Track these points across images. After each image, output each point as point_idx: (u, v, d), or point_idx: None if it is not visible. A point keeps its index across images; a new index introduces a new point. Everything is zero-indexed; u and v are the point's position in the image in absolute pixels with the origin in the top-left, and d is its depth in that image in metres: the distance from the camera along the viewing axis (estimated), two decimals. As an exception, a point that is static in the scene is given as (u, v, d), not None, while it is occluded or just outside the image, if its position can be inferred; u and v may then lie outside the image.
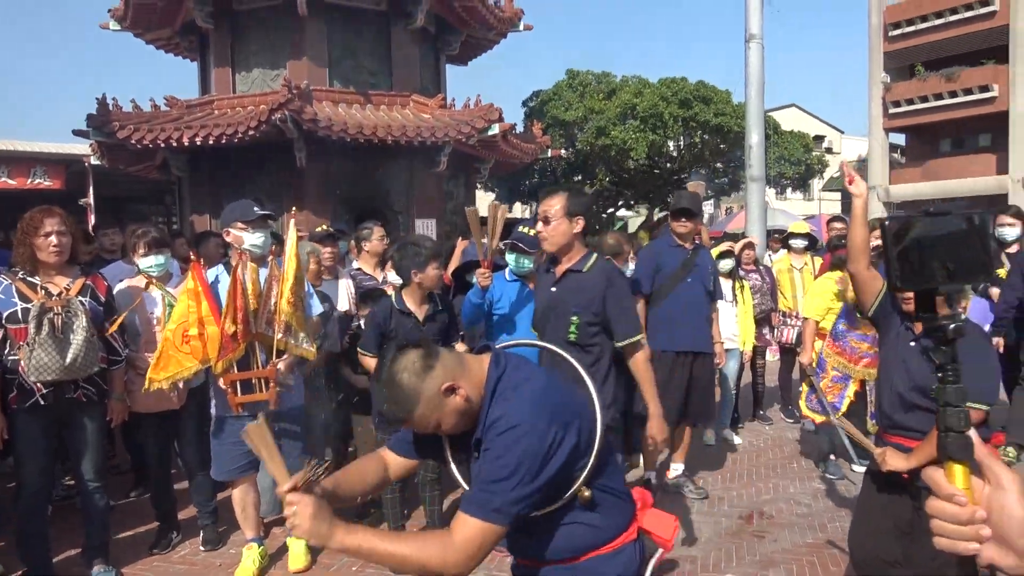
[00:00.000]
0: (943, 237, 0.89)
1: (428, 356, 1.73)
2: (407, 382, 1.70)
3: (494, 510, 1.62)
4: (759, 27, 10.36)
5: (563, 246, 3.30)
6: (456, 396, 1.72)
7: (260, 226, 3.78)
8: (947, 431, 0.86)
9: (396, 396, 1.71)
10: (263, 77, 10.80)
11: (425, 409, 1.71)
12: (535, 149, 13.36)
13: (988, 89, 25.45)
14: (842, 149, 43.23)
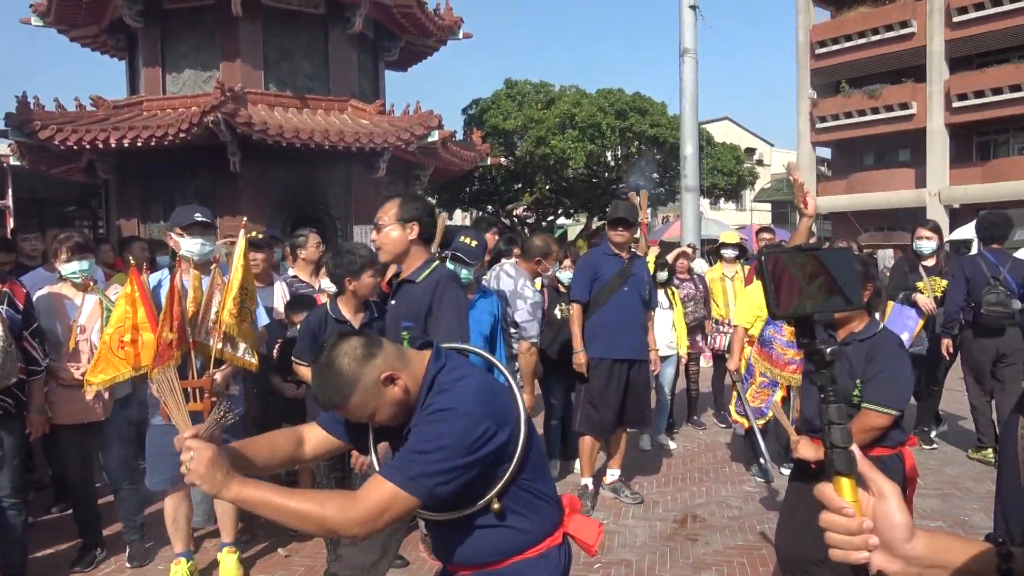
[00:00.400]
0: (816, 268, 0.95)
1: (370, 345, 1.74)
2: (346, 367, 1.70)
3: (411, 477, 1.60)
4: (693, 42, 10.65)
5: (398, 255, 3.07)
6: (395, 386, 1.72)
7: (198, 232, 3.68)
8: (832, 447, 0.90)
9: (334, 381, 1.70)
10: (195, 78, 10.54)
11: (362, 397, 1.70)
12: (475, 157, 13.39)
13: (907, 106, 26.71)
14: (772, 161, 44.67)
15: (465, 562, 1.85)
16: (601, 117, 20.69)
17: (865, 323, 2.78)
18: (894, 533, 0.89)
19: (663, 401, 6.39)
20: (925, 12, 25.99)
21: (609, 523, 4.67)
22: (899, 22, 26.53)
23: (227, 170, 9.46)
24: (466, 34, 12.78)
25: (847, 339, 2.76)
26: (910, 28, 26.32)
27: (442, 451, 1.62)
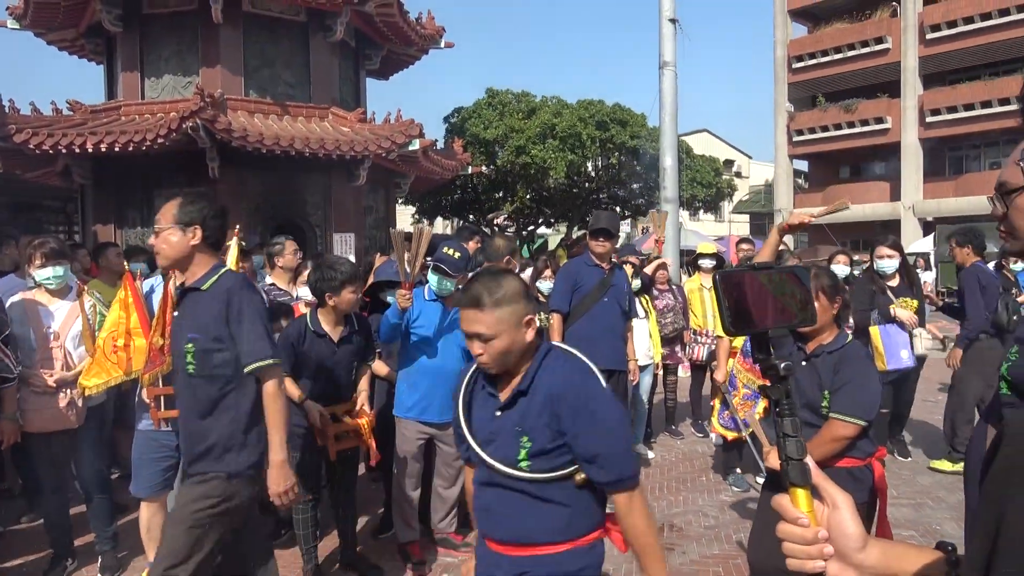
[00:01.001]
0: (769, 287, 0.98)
1: (529, 296, 1.99)
2: (512, 287, 1.93)
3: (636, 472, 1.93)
4: (672, 55, 10.76)
5: (178, 260, 2.75)
6: (528, 331, 1.94)
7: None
8: (787, 459, 0.93)
9: (497, 288, 1.91)
10: (174, 84, 10.46)
11: (506, 315, 1.90)
12: (456, 166, 13.41)
13: (882, 121, 27.18)
14: (750, 173, 45.16)
15: (518, 539, 1.94)
16: (582, 128, 20.82)
17: (834, 335, 2.82)
18: (847, 542, 0.91)
19: (641, 411, 6.42)
20: (900, 29, 26.49)
21: (587, 532, 4.68)
22: (874, 38, 27.03)
23: (206, 176, 9.39)
24: (448, 43, 12.81)
25: (816, 351, 2.80)
26: (885, 44, 26.81)
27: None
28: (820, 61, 28.41)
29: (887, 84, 27.31)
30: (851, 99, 27.99)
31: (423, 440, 4.13)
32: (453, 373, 4.12)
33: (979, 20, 24.46)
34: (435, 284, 4.04)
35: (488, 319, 1.89)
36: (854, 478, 2.71)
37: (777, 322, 0.97)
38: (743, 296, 0.96)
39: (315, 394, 3.77)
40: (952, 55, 25.60)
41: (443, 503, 4.30)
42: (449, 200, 23.55)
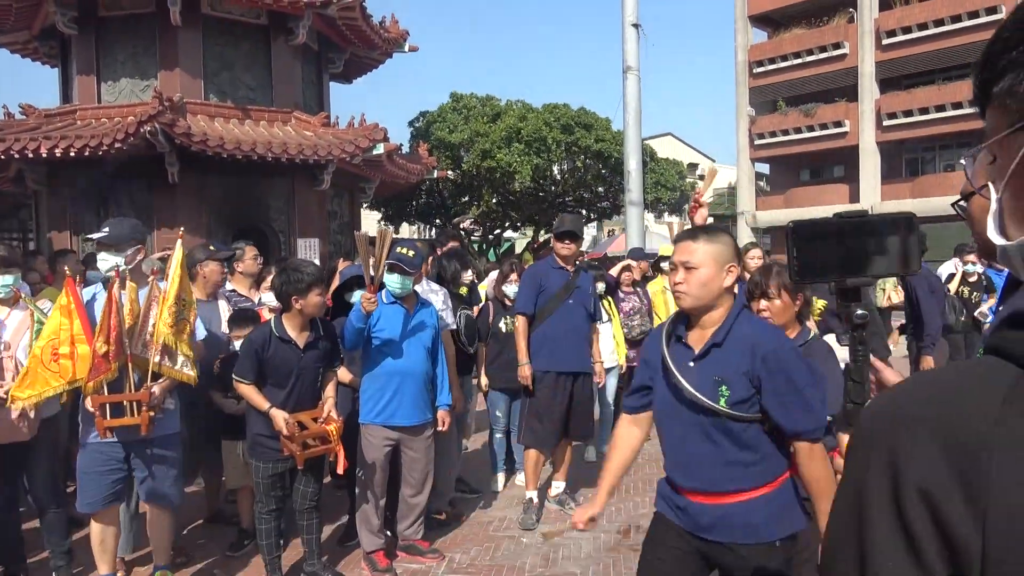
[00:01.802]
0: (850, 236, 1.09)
1: (739, 252, 2.24)
2: (727, 237, 2.22)
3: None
4: (635, 59, 10.84)
5: None
6: (728, 276, 2.15)
7: (102, 248, 3.60)
8: (850, 402, 1.02)
9: (715, 231, 2.23)
10: (132, 87, 10.26)
11: (715, 252, 2.15)
12: (421, 170, 13.35)
13: (841, 124, 27.72)
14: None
15: (720, 487, 2.15)
16: (547, 131, 20.88)
17: (798, 331, 2.87)
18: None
19: (607, 413, 6.44)
20: (857, 34, 27.06)
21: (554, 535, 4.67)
22: (832, 43, 27.56)
23: (165, 181, 9.22)
24: (412, 47, 12.76)
25: None
26: (843, 50, 27.36)
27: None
28: (780, 66, 28.88)
29: (845, 88, 27.86)
30: (810, 103, 28.50)
31: (390, 446, 4.09)
32: (419, 375, 4.10)
33: (932, 26, 25.08)
34: (397, 284, 4.01)
35: (699, 250, 2.14)
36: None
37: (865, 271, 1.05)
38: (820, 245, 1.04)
39: (281, 402, 3.71)
40: (907, 60, 26.22)
41: (411, 510, 4.27)
42: (415, 205, 23.45)
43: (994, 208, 0.63)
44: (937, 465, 0.49)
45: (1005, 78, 0.58)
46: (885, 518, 0.51)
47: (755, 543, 2.15)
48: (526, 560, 4.30)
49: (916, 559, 0.49)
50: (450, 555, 4.37)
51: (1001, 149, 0.61)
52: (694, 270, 2.14)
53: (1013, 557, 0.45)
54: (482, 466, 5.91)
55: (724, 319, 2.18)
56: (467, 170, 21.61)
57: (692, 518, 2.23)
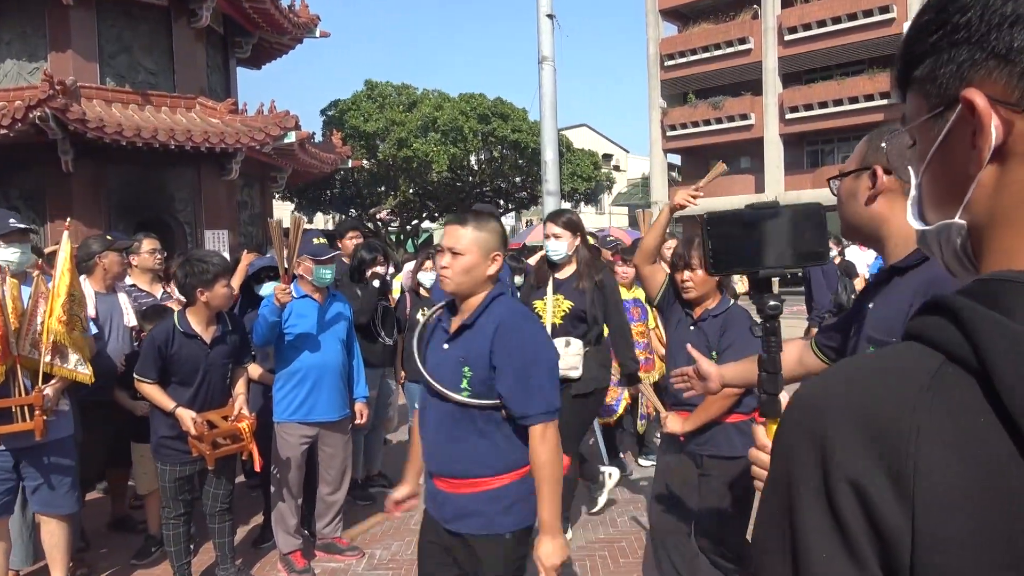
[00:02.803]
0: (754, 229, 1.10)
1: (506, 241, 2.26)
2: (495, 225, 2.20)
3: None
4: (551, 50, 10.90)
5: None
6: (491, 265, 2.16)
7: (14, 240, 3.35)
8: (764, 392, 1.03)
9: (483, 219, 2.18)
10: (18, 70, 9.61)
11: (480, 240, 2.13)
12: (335, 159, 13.07)
13: (747, 117, 28.73)
14: (628, 167, 46.65)
15: (465, 472, 2.12)
16: (463, 121, 20.80)
17: (718, 300, 3.03)
18: None
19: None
20: (760, 30, 28.06)
21: (476, 526, 4.67)
22: (738, 39, 28.50)
23: (59, 170, 8.69)
24: (323, 32, 12.45)
25: (703, 315, 2.99)
26: (747, 45, 28.33)
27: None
28: (690, 59, 29.65)
29: (751, 82, 28.87)
30: (718, 96, 29.41)
31: (307, 443, 3.98)
32: (336, 368, 4.01)
33: (831, 23, 26.29)
34: (321, 275, 3.91)
35: (465, 236, 2.13)
36: (742, 432, 2.86)
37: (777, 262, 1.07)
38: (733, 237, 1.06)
39: (188, 400, 3.54)
40: (808, 56, 27.39)
41: (328, 508, 4.17)
42: (329, 194, 22.96)
43: (913, 193, 0.64)
44: (864, 454, 0.49)
45: (925, 63, 0.59)
46: (816, 510, 0.51)
47: (485, 535, 2.12)
48: (448, 552, 4.28)
49: (849, 550, 0.49)
50: (370, 551, 4.30)
51: (920, 134, 0.62)
52: (459, 256, 2.13)
53: (941, 545, 0.46)
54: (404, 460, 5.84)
55: (479, 303, 2.17)
56: (383, 160, 21.31)
57: (439, 507, 2.21)
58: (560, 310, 3.91)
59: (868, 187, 1.48)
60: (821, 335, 1.90)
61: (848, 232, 1.59)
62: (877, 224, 1.50)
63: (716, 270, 1.03)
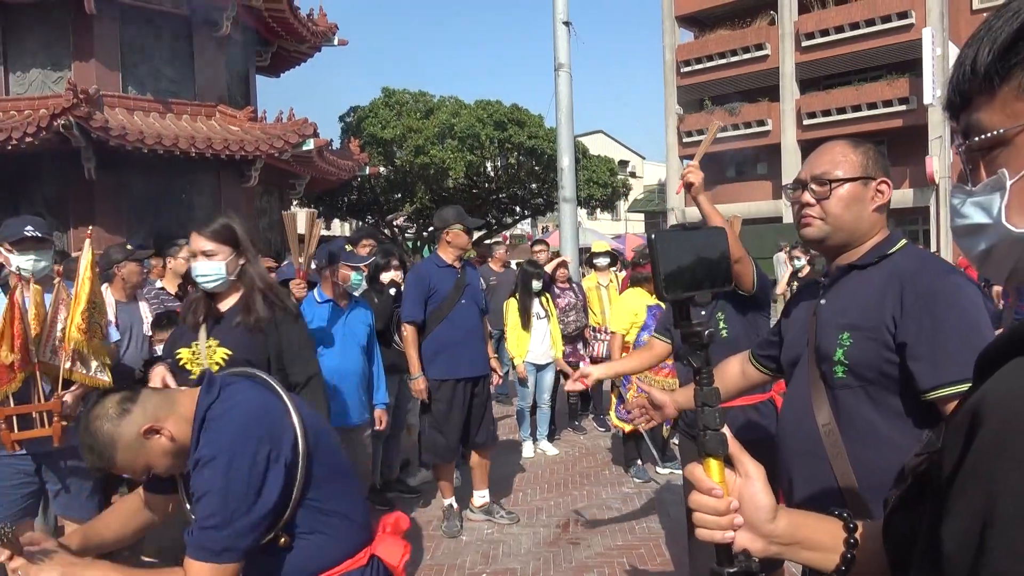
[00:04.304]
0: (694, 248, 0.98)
1: (126, 400, 1.68)
2: (103, 429, 1.64)
3: (223, 550, 1.56)
4: (567, 57, 10.92)
5: None
6: (159, 437, 1.66)
7: (30, 248, 3.38)
8: (704, 429, 0.92)
9: (94, 445, 1.65)
10: (43, 79, 9.76)
11: (126, 455, 1.65)
12: (353, 166, 13.16)
13: (764, 123, 28.62)
14: (644, 173, 46.58)
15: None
16: (480, 128, 20.87)
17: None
18: (758, 513, 0.92)
19: (544, 409, 6.49)
20: (778, 36, 27.97)
21: (493, 532, 4.68)
22: (754, 45, 28.42)
23: (82, 178, 8.81)
24: (341, 41, 12.56)
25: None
26: (764, 51, 28.24)
27: (230, 507, 1.56)
28: (706, 66, 29.58)
29: (767, 88, 28.74)
30: (735, 103, 29.31)
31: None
32: (356, 373, 4.04)
33: (849, 29, 26.14)
34: (357, 281, 4.00)
35: (126, 469, 1.74)
36: (759, 413, 2.87)
37: (704, 286, 0.97)
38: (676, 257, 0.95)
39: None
40: (825, 62, 27.23)
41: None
42: (347, 201, 23.08)
43: (1006, 198, 0.65)
44: None
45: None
46: None
47: None
48: (466, 558, 4.29)
49: None
50: (389, 556, 4.31)
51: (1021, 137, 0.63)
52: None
53: None
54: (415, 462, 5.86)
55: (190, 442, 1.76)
56: (400, 166, 21.40)
57: None
58: (213, 361, 2.71)
59: (874, 196, 1.66)
60: (757, 348, 2.04)
61: (829, 233, 1.67)
62: (870, 228, 1.66)
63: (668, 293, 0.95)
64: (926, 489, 0.70)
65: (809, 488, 1.64)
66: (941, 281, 1.54)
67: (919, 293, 1.53)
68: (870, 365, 1.57)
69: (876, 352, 1.56)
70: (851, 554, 0.93)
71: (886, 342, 1.55)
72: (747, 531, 0.92)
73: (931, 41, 23.98)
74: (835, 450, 1.58)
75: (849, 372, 1.60)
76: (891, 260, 1.63)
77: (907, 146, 25.29)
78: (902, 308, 1.54)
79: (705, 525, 0.92)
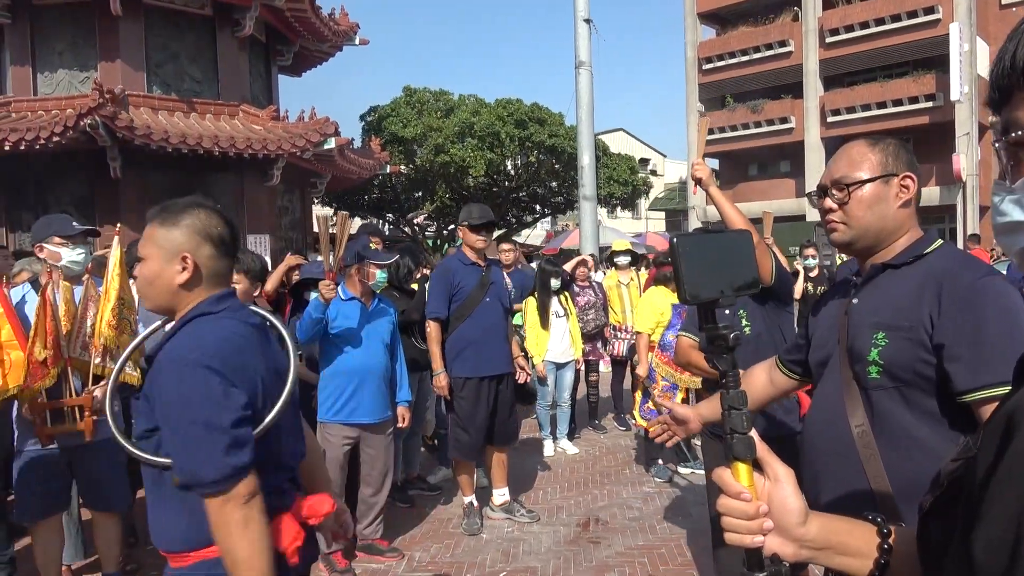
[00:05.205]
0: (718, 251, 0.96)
1: (209, 215, 1.69)
2: (190, 216, 1.67)
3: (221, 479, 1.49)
4: (587, 55, 10.89)
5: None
6: (183, 273, 1.64)
7: (81, 242, 3.47)
8: (732, 432, 0.90)
9: (174, 217, 1.68)
10: (70, 79, 9.91)
11: (170, 245, 1.65)
12: (374, 165, 13.22)
13: (787, 120, 28.34)
14: (665, 171, 46.33)
15: (161, 545, 1.69)
16: (500, 126, 20.86)
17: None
18: (789, 517, 0.91)
19: (564, 407, 6.48)
20: (801, 32, 27.68)
21: (514, 531, 4.67)
22: (778, 41, 28.14)
23: (107, 176, 8.93)
24: (363, 40, 12.61)
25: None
26: (788, 47, 27.96)
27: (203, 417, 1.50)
28: (728, 63, 29.36)
29: (791, 85, 28.46)
30: (757, 100, 29.05)
31: (349, 445, 4.04)
32: (379, 370, 4.06)
33: (874, 25, 25.81)
34: (381, 280, 4.06)
35: (149, 237, 1.70)
36: (783, 408, 2.82)
37: (728, 289, 0.95)
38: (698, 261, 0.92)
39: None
40: (849, 58, 26.92)
41: (370, 509, 4.21)
42: (367, 199, 23.18)
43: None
44: None
45: None
46: None
47: None
48: (486, 556, 4.29)
49: None
50: (410, 553, 4.33)
51: None
52: (143, 262, 1.71)
53: None
54: (434, 460, 5.88)
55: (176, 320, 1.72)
56: (420, 165, 21.46)
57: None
58: None
59: (899, 193, 1.62)
60: (784, 352, 2.00)
61: (856, 236, 1.66)
62: (898, 226, 1.63)
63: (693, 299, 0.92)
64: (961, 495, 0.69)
65: (838, 490, 1.60)
66: (982, 282, 1.50)
67: (959, 293, 1.50)
68: (906, 366, 1.53)
69: (912, 352, 1.53)
70: (885, 560, 0.91)
71: (923, 342, 1.51)
72: (777, 535, 0.91)
73: (958, 36, 23.59)
74: (868, 452, 1.55)
75: (884, 372, 1.56)
76: (927, 260, 1.60)
77: (933, 143, 24.91)
78: (940, 308, 1.51)
79: (735, 530, 0.90)
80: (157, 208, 1.76)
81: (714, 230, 0.96)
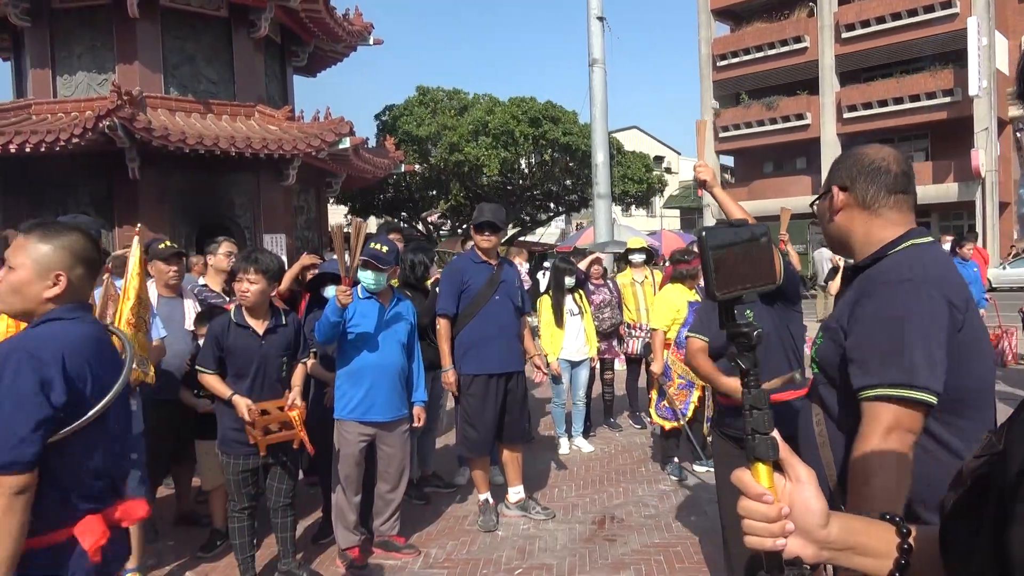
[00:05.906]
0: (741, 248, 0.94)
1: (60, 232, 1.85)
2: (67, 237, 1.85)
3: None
4: (601, 53, 10.88)
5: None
6: (54, 288, 1.82)
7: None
8: (753, 433, 0.88)
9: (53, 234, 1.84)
10: (89, 81, 10.03)
11: (44, 260, 1.81)
12: (389, 164, 13.27)
13: (802, 117, 28.16)
14: (680, 169, 46.15)
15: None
16: (514, 125, 20.85)
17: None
18: (811, 519, 0.89)
19: (580, 405, 6.48)
20: (817, 28, 27.49)
21: (529, 528, 4.69)
22: (793, 37, 27.97)
23: (125, 177, 9.03)
24: (377, 40, 12.67)
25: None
26: (803, 43, 27.78)
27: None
28: (743, 59, 29.22)
29: (806, 81, 28.29)
30: (773, 96, 28.88)
31: (365, 442, 4.06)
32: (394, 369, 4.08)
33: (890, 20, 25.59)
34: (371, 280, 3.99)
35: (23, 249, 1.83)
36: (796, 410, 2.82)
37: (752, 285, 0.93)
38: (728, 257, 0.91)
39: (245, 391, 3.65)
40: (866, 54, 26.71)
41: (386, 505, 4.24)
42: (382, 198, 23.27)
43: None
44: None
45: None
46: None
47: None
48: (502, 553, 4.31)
49: None
50: (426, 550, 4.36)
51: None
52: (12, 271, 1.83)
53: None
54: (456, 461, 5.90)
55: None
56: (435, 164, 21.50)
57: None
58: None
59: (831, 205, 1.73)
60: None
61: (830, 246, 1.84)
62: (844, 235, 1.73)
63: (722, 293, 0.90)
64: (987, 493, 0.68)
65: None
66: (889, 287, 1.55)
67: (866, 297, 1.58)
68: (831, 363, 1.64)
69: (835, 351, 1.62)
70: (905, 560, 0.90)
71: (840, 342, 1.61)
72: (798, 537, 0.89)
73: (976, 31, 23.33)
74: (821, 439, 1.68)
75: (820, 369, 1.70)
76: (883, 260, 1.65)
77: (951, 139, 24.67)
78: (852, 311, 1.60)
79: (755, 532, 0.87)
80: (34, 222, 1.95)
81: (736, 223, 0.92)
